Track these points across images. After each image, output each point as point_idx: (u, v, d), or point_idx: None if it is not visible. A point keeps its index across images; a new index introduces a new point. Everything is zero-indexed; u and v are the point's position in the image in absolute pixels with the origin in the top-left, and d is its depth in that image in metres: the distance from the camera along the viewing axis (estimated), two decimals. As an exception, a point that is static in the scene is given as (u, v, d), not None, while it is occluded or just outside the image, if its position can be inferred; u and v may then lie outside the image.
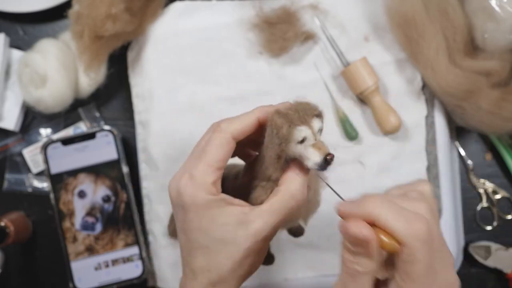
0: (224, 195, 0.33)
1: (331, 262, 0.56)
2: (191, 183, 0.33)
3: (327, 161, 0.32)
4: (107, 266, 0.56)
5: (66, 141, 0.56)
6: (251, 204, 0.34)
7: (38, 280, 0.61)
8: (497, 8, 0.49)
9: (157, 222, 0.56)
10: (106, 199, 0.56)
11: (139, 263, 0.56)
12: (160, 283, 0.57)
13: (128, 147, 0.59)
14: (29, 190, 0.60)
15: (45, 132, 0.60)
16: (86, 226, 0.56)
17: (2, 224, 0.55)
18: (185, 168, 0.34)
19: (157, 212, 0.56)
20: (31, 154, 0.59)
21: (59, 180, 0.56)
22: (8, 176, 0.60)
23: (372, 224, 0.29)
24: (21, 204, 0.61)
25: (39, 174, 0.60)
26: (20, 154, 0.60)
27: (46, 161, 0.56)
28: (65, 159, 0.57)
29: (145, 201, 0.57)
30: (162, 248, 0.56)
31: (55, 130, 0.60)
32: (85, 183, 0.56)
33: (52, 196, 0.56)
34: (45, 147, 0.56)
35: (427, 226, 0.28)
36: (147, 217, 0.57)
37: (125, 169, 0.56)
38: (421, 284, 0.28)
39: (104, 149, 0.56)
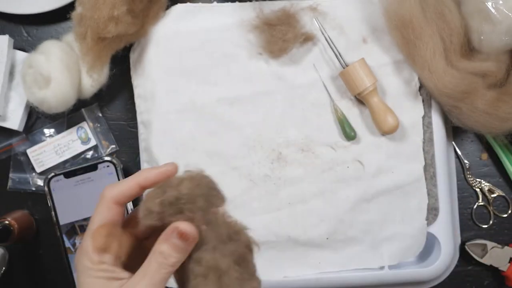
0: (105, 266, 0.33)
1: (330, 260, 0.56)
2: (78, 251, 0.35)
3: None
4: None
5: (69, 174, 0.57)
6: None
7: (42, 278, 0.62)
8: (493, 10, 0.49)
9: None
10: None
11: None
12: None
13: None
14: (33, 189, 0.60)
15: (48, 132, 0.61)
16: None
17: (6, 222, 0.56)
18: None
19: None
20: (35, 154, 0.60)
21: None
22: (12, 175, 0.60)
23: None
24: (25, 203, 0.61)
25: (43, 173, 0.60)
26: (24, 153, 0.60)
27: (50, 194, 0.57)
28: (69, 192, 0.57)
29: (147, 200, 0.58)
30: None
31: (58, 130, 0.60)
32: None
33: (57, 228, 0.57)
34: (48, 181, 0.57)
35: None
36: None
37: None
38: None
39: (106, 180, 0.57)
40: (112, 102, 0.61)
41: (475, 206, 0.62)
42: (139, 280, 0.32)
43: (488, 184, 0.61)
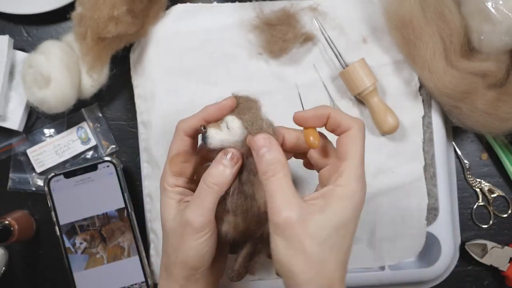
0: (178, 189, 0.42)
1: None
2: (162, 175, 0.43)
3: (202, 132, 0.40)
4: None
5: (69, 174, 0.57)
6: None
7: (42, 278, 0.62)
8: (493, 10, 0.49)
9: (159, 220, 0.56)
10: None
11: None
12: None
13: (129, 176, 0.60)
14: (33, 189, 0.60)
15: (48, 132, 0.61)
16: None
17: (6, 222, 0.56)
18: None
19: (158, 210, 0.57)
20: (35, 154, 0.60)
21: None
22: (12, 175, 0.60)
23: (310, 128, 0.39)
24: (25, 203, 0.61)
25: (43, 174, 0.60)
26: (24, 153, 0.60)
27: (50, 194, 0.57)
28: (68, 192, 0.57)
29: (147, 200, 0.58)
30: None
31: (58, 130, 0.61)
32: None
33: (57, 228, 0.57)
34: (48, 181, 0.57)
35: (363, 123, 0.39)
36: (148, 215, 0.58)
37: (127, 198, 0.57)
38: (357, 161, 0.37)
39: (105, 180, 0.57)
40: (112, 102, 0.61)
41: (475, 206, 0.62)
42: (192, 202, 0.39)
43: (488, 184, 0.61)
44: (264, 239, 0.42)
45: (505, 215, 0.61)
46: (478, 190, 0.62)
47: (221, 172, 0.39)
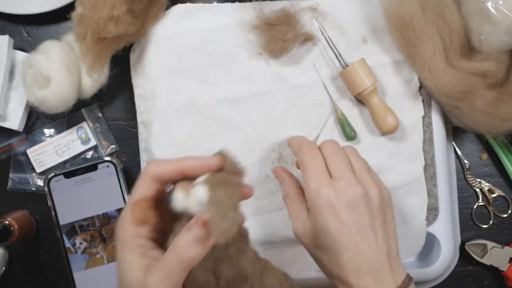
0: (140, 241, 0.35)
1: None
2: (119, 222, 0.37)
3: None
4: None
5: (69, 174, 0.57)
6: None
7: (42, 278, 0.62)
8: (493, 10, 0.49)
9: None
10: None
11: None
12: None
13: (129, 176, 0.60)
14: (33, 189, 0.60)
15: (48, 132, 0.61)
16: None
17: (6, 222, 0.56)
18: None
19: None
20: (35, 154, 0.60)
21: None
22: (12, 175, 0.61)
23: None
24: (25, 203, 0.61)
25: (43, 174, 0.60)
26: (24, 153, 0.60)
27: (50, 194, 0.57)
28: (68, 192, 0.57)
29: (147, 200, 0.58)
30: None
31: (58, 130, 0.61)
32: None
33: (57, 228, 0.57)
34: (48, 181, 0.57)
35: (310, 144, 0.47)
36: (149, 215, 0.58)
37: (127, 198, 0.57)
38: (306, 177, 0.44)
39: (105, 180, 0.57)
40: (112, 102, 0.61)
41: (475, 206, 0.62)
42: (157, 270, 0.33)
43: (488, 184, 0.61)
44: None
45: (505, 215, 0.61)
46: (478, 190, 0.62)
47: (194, 243, 0.33)
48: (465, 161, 0.62)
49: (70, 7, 0.54)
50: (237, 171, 0.37)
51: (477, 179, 0.62)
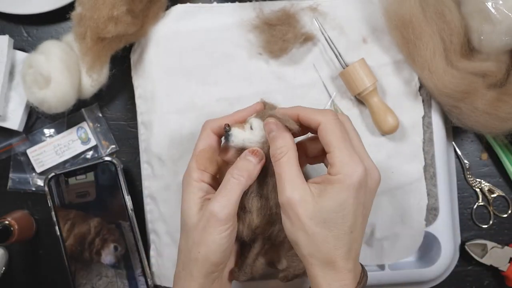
0: (202, 185, 0.43)
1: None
2: (186, 170, 0.44)
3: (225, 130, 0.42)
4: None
5: (69, 174, 0.57)
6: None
7: (42, 278, 0.62)
8: (493, 10, 0.49)
9: (160, 221, 0.57)
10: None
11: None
12: (163, 281, 0.58)
13: (129, 176, 0.60)
14: (33, 189, 0.60)
15: (48, 132, 0.61)
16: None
17: (6, 222, 0.56)
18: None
19: (160, 211, 0.57)
20: (35, 154, 0.60)
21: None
22: (12, 175, 0.61)
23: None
24: (25, 203, 0.61)
25: (43, 174, 0.60)
26: (24, 153, 0.60)
27: (50, 193, 0.57)
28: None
29: (147, 200, 0.58)
30: (166, 247, 0.57)
31: (58, 130, 0.61)
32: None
33: (57, 228, 0.57)
34: (48, 181, 0.57)
35: (333, 112, 0.41)
36: (149, 216, 0.58)
37: (127, 198, 0.57)
38: (339, 149, 0.38)
39: (105, 180, 0.57)
40: (112, 102, 0.61)
41: (475, 206, 0.62)
42: (217, 194, 0.41)
43: (488, 184, 0.61)
44: (271, 241, 0.44)
45: (505, 215, 0.61)
46: (478, 190, 0.62)
47: (247, 166, 0.41)
48: (465, 161, 0.62)
49: (70, 7, 0.54)
50: (275, 106, 0.44)
51: (477, 179, 0.62)
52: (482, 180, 0.62)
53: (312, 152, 0.45)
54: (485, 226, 0.62)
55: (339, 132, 0.39)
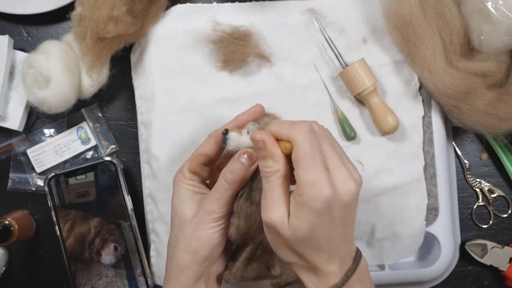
0: (193, 182, 0.45)
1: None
2: (178, 170, 0.46)
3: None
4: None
5: (69, 174, 0.57)
6: None
7: (42, 278, 0.62)
8: (493, 10, 0.50)
9: (160, 221, 0.57)
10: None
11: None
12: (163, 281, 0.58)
13: (129, 176, 0.60)
14: (33, 189, 0.60)
15: (48, 132, 0.61)
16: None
17: (6, 222, 0.56)
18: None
19: (160, 211, 0.57)
20: (35, 154, 0.60)
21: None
22: (12, 175, 0.61)
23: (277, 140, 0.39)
24: (25, 203, 0.61)
25: (43, 174, 0.60)
26: (24, 153, 0.60)
27: (50, 193, 0.57)
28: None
29: (148, 200, 0.58)
30: (166, 247, 0.56)
31: (58, 130, 0.61)
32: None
33: (57, 228, 0.57)
34: (48, 181, 0.57)
35: (308, 124, 0.38)
36: (149, 216, 0.58)
37: (127, 198, 0.57)
38: (303, 168, 0.36)
39: (105, 180, 0.57)
40: (112, 102, 0.61)
41: (475, 206, 0.62)
42: (211, 195, 0.42)
43: (488, 184, 0.61)
44: (263, 246, 0.44)
45: (505, 215, 0.61)
46: (478, 190, 0.62)
47: (239, 169, 0.42)
48: (465, 161, 0.62)
49: (70, 7, 0.54)
50: (275, 116, 0.46)
51: (477, 179, 0.62)
52: (482, 180, 0.62)
53: None
54: (485, 226, 0.62)
55: (308, 149, 0.37)
